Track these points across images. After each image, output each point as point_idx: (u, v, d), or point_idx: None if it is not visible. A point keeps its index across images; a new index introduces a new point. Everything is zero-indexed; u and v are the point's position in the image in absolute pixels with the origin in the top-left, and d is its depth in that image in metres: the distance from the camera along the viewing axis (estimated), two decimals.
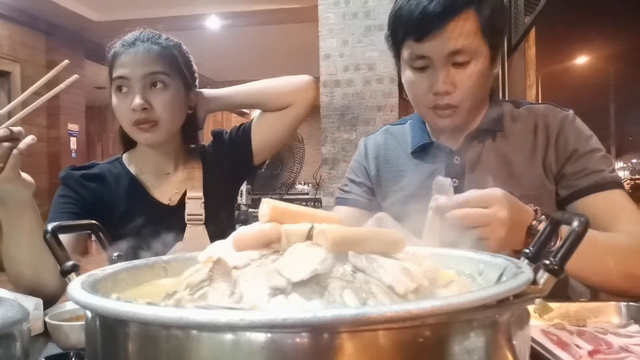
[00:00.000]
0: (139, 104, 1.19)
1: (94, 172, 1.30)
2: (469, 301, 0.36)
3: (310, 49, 4.84)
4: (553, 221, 0.52)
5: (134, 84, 1.21)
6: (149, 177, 1.32)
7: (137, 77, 1.21)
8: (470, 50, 1.03)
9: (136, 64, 1.22)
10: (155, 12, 6.19)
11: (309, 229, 0.51)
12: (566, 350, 0.70)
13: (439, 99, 1.07)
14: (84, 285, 0.46)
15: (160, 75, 1.23)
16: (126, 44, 1.25)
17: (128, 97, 1.21)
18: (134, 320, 0.38)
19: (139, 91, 1.20)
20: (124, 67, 1.22)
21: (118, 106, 1.23)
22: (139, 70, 1.21)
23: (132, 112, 1.20)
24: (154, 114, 1.22)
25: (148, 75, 1.22)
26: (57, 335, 0.84)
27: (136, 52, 1.23)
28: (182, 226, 1.26)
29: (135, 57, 1.22)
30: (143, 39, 1.26)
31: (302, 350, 0.35)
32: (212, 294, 0.45)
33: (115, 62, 1.24)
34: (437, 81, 1.05)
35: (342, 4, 4.20)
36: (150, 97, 1.21)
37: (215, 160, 1.38)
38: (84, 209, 1.24)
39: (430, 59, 1.05)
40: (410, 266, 0.49)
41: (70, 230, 0.65)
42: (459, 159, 1.14)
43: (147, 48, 1.24)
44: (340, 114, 4.21)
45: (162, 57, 1.25)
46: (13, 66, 5.98)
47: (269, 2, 5.94)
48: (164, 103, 1.23)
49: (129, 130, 1.25)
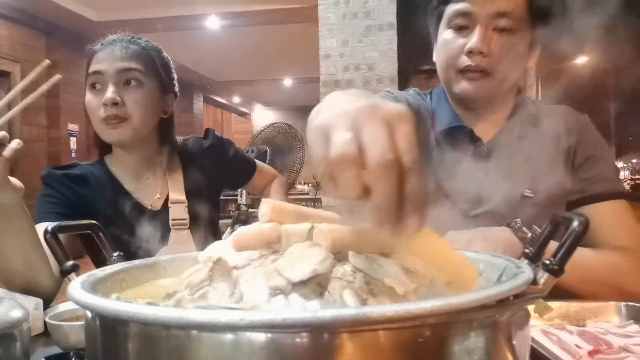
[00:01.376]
0: (110, 98, 1.18)
1: (76, 172, 1.29)
2: (469, 301, 0.36)
3: (310, 49, 4.84)
4: (553, 221, 0.52)
5: (107, 80, 1.21)
6: (129, 182, 1.31)
7: (110, 73, 1.21)
8: (514, 17, 1.01)
9: (112, 60, 1.22)
10: (155, 12, 6.20)
11: (309, 229, 0.51)
12: (566, 350, 0.70)
13: (472, 58, 1.03)
14: (84, 285, 0.46)
15: (135, 72, 1.23)
16: (105, 43, 1.26)
17: (101, 93, 1.21)
18: (134, 320, 0.38)
19: (112, 86, 1.20)
20: (99, 63, 1.22)
21: (90, 102, 1.23)
22: (114, 65, 1.21)
23: (102, 107, 1.20)
24: (124, 111, 1.21)
25: (122, 70, 1.21)
26: (57, 335, 0.84)
27: (113, 50, 1.23)
28: (166, 231, 1.25)
29: (112, 54, 1.23)
30: (122, 39, 1.27)
31: (302, 350, 0.35)
32: (212, 294, 0.45)
33: (92, 59, 1.24)
34: (474, 39, 1.02)
35: (342, 4, 4.20)
36: (122, 93, 1.21)
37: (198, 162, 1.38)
38: (69, 208, 1.22)
39: (473, 17, 1.02)
40: (411, 266, 0.49)
41: (71, 231, 0.65)
42: (487, 152, 1.11)
43: (124, 46, 1.25)
44: None
45: (139, 55, 1.25)
46: (13, 66, 5.99)
47: (269, 2, 5.95)
48: (136, 100, 1.22)
49: (98, 128, 1.23)
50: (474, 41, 1.01)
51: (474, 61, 1.03)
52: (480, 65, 1.03)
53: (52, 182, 1.25)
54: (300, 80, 10.41)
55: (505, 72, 1.04)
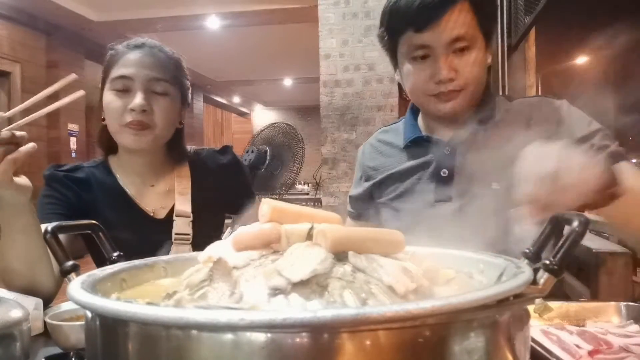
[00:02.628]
0: (140, 105, 1.17)
1: (78, 175, 1.27)
2: (469, 301, 0.36)
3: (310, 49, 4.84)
4: (553, 221, 0.52)
5: (136, 85, 1.19)
6: (132, 187, 1.29)
7: (141, 79, 1.20)
8: (468, 36, 1.07)
9: (142, 66, 1.21)
10: (155, 12, 6.19)
11: (309, 229, 0.51)
12: (566, 350, 0.70)
13: (442, 86, 1.09)
14: (84, 285, 0.46)
15: (164, 83, 1.22)
16: (131, 46, 1.24)
17: (126, 97, 1.19)
18: (134, 320, 0.38)
19: (141, 93, 1.19)
20: (129, 67, 1.20)
21: (112, 104, 1.20)
22: (145, 72, 1.20)
23: (128, 112, 1.18)
24: (150, 118, 1.20)
25: (153, 79, 1.21)
26: (57, 335, 0.84)
27: (143, 54, 1.22)
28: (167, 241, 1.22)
29: (142, 59, 1.22)
30: (150, 44, 1.26)
31: (302, 350, 0.35)
32: (212, 294, 0.45)
33: (117, 61, 1.22)
34: (439, 69, 1.07)
35: (342, 4, 4.20)
36: (150, 101, 1.20)
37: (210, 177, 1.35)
38: (70, 209, 1.21)
39: (430, 48, 1.08)
40: (410, 266, 0.49)
41: (71, 231, 0.65)
42: (450, 150, 1.16)
43: (154, 53, 1.24)
44: (340, 114, 4.21)
45: (167, 65, 1.25)
46: (13, 66, 5.98)
47: (269, 2, 5.94)
48: (162, 110, 1.21)
49: (118, 131, 1.21)
50: (440, 72, 1.08)
51: (445, 88, 1.09)
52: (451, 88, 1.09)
53: (54, 183, 1.24)
54: (300, 80, 10.40)
55: (474, 85, 1.10)
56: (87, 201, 1.24)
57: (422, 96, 1.14)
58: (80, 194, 1.25)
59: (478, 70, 1.09)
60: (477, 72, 1.09)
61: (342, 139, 4.20)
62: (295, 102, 12.71)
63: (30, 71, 6.16)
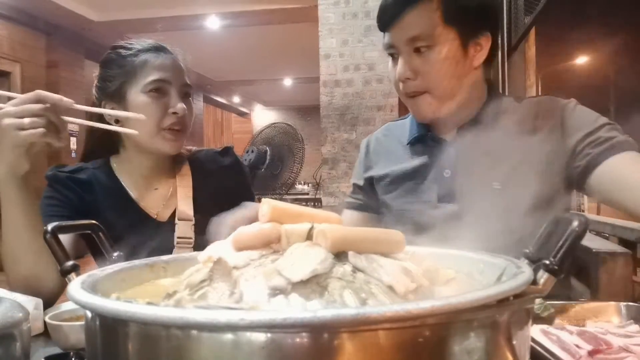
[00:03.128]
0: (182, 108, 1.21)
1: (81, 177, 1.26)
2: (469, 301, 0.36)
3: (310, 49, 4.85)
4: (553, 221, 0.52)
5: (172, 89, 1.22)
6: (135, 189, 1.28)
7: (177, 83, 1.23)
8: (430, 36, 1.06)
9: (176, 70, 1.24)
10: (155, 12, 6.19)
11: (309, 229, 0.51)
12: (566, 350, 0.70)
13: (405, 86, 1.11)
14: (84, 285, 0.46)
15: (189, 87, 1.27)
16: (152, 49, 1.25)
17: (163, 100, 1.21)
18: (134, 320, 0.38)
19: (179, 97, 1.23)
20: (165, 71, 1.22)
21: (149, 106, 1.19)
22: (179, 76, 1.24)
23: (170, 115, 1.20)
24: (184, 121, 1.23)
25: (184, 84, 1.25)
26: (57, 335, 0.84)
27: (173, 59, 1.26)
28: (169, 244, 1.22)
29: (174, 63, 1.25)
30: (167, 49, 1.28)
31: (302, 350, 0.35)
32: (212, 294, 0.45)
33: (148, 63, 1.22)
34: (398, 68, 1.10)
35: (342, 4, 4.20)
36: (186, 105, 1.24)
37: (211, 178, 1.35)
38: (73, 211, 1.21)
39: (395, 47, 1.11)
40: (410, 266, 0.49)
41: (70, 231, 0.65)
42: (454, 150, 1.15)
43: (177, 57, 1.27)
44: (340, 114, 4.21)
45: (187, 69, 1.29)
46: (13, 66, 5.98)
47: (269, 2, 5.94)
48: (191, 112, 1.26)
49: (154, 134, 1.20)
50: (398, 70, 1.10)
51: (407, 88, 1.11)
52: (413, 89, 1.10)
53: (57, 184, 1.24)
54: (300, 80, 10.41)
55: (440, 86, 1.09)
56: (89, 203, 1.24)
57: (400, 96, 1.16)
58: (83, 196, 1.24)
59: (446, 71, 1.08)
60: (444, 73, 1.08)
61: (342, 139, 4.20)
62: (295, 102, 12.71)
63: (30, 71, 6.16)
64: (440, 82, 1.09)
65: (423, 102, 1.11)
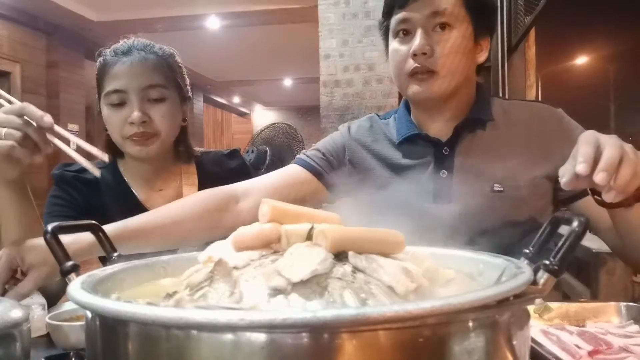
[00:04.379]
0: (138, 117, 1.16)
1: (88, 177, 1.25)
2: (469, 301, 0.36)
3: (310, 49, 4.85)
4: (553, 221, 0.52)
5: (131, 97, 1.17)
6: (142, 191, 1.28)
7: (134, 90, 1.17)
8: (450, 14, 1.06)
9: (133, 76, 1.18)
10: (155, 12, 6.20)
11: (309, 229, 0.51)
12: (566, 350, 0.70)
13: (418, 60, 1.08)
14: (84, 285, 0.46)
15: (158, 88, 1.19)
16: (119, 53, 1.20)
17: (123, 110, 1.17)
18: (134, 320, 0.38)
19: (137, 105, 1.17)
20: (120, 79, 1.18)
21: (110, 118, 1.19)
22: (136, 82, 1.17)
23: (128, 125, 1.17)
24: (152, 127, 1.18)
25: (146, 88, 1.18)
26: (57, 335, 0.84)
27: (131, 63, 1.19)
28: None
29: (131, 68, 1.18)
30: (138, 47, 1.22)
31: (302, 350, 0.35)
32: (212, 294, 0.45)
33: (108, 72, 1.19)
34: (416, 42, 1.07)
35: (342, 4, 4.21)
36: (147, 109, 1.18)
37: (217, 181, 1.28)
38: (78, 211, 1.21)
39: (413, 22, 1.08)
40: (410, 266, 0.49)
41: (71, 231, 0.64)
42: (448, 150, 1.13)
43: (143, 58, 1.20)
44: (340, 114, 4.21)
45: (159, 68, 1.21)
46: (13, 66, 5.98)
47: (269, 2, 5.94)
48: (163, 115, 1.19)
49: (120, 143, 1.20)
50: (416, 44, 1.07)
51: (419, 62, 1.08)
52: (426, 65, 1.07)
53: (63, 184, 1.23)
54: (300, 80, 10.41)
55: (451, 68, 1.08)
56: (95, 203, 1.23)
57: (401, 76, 1.12)
58: (89, 196, 1.24)
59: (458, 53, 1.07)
60: (456, 55, 1.07)
61: None
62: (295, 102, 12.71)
63: (30, 71, 6.16)
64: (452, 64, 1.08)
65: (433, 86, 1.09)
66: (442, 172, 1.12)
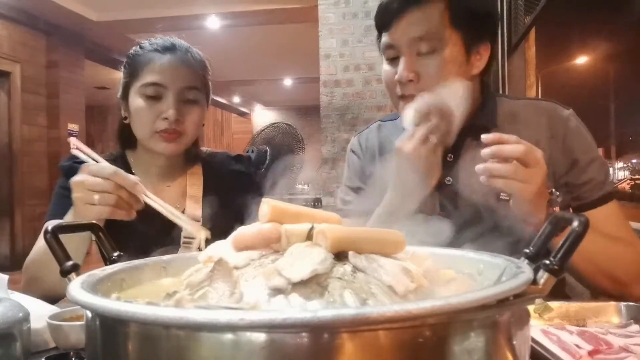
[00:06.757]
0: (173, 114, 1.17)
1: None
2: (469, 301, 0.36)
3: (310, 49, 4.85)
4: (553, 221, 0.52)
5: (169, 94, 1.19)
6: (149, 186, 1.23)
7: (174, 87, 1.19)
8: (435, 38, 1.03)
9: (175, 74, 1.20)
10: (155, 12, 6.19)
11: (309, 229, 0.51)
12: (566, 350, 0.70)
13: (404, 88, 1.06)
14: (84, 285, 0.46)
15: (195, 91, 1.22)
16: (160, 48, 1.22)
17: (159, 104, 1.18)
18: (134, 320, 0.38)
19: (174, 102, 1.18)
20: (161, 74, 1.19)
21: (143, 110, 1.19)
22: (178, 81, 1.20)
23: (161, 120, 1.18)
24: (182, 127, 1.20)
25: (185, 88, 1.20)
26: (57, 335, 0.84)
27: (175, 60, 1.21)
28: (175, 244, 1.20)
29: (175, 66, 1.21)
30: (180, 47, 1.24)
31: (302, 350, 0.35)
32: (212, 294, 0.45)
33: (148, 64, 1.20)
34: (400, 69, 1.05)
35: (342, 4, 4.21)
36: (182, 109, 1.20)
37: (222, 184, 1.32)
38: None
39: (397, 48, 1.06)
40: (410, 266, 0.49)
41: (71, 231, 0.64)
42: (453, 157, 1.11)
43: (186, 59, 1.22)
44: (340, 114, 4.21)
45: (197, 71, 1.24)
46: (13, 66, 5.98)
47: (269, 2, 5.94)
48: (193, 118, 1.22)
49: (148, 136, 1.21)
50: (400, 71, 1.05)
51: (406, 90, 1.06)
52: (411, 91, 1.05)
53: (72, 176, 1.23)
54: (300, 80, 10.40)
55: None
56: None
57: (393, 98, 1.12)
58: None
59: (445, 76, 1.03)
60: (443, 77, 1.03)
61: (342, 139, 4.20)
62: (295, 102, 12.70)
63: (30, 71, 6.16)
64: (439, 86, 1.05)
65: None
66: (447, 179, 1.10)
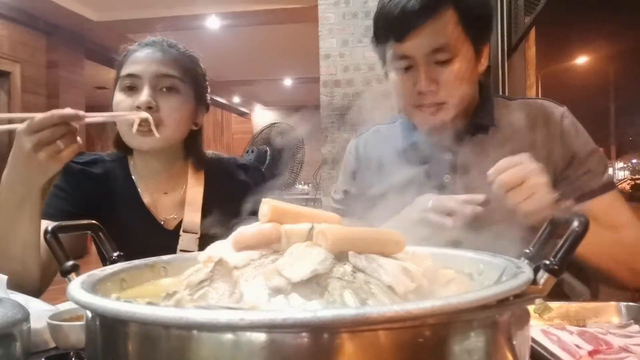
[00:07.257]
0: (145, 102, 1.12)
1: (95, 171, 1.24)
2: (469, 301, 0.36)
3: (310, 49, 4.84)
4: (553, 221, 0.52)
5: (143, 83, 1.15)
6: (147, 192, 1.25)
7: (147, 76, 1.15)
8: (451, 47, 1.02)
9: (150, 62, 1.16)
10: (155, 12, 6.19)
11: (309, 229, 0.51)
12: (566, 350, 0.70)
13: (424, 98, 1.06)
14: (84, 285, 0.46)
15: (173, 79, 1.17)
16: (142, 44, 1.21)
17: (134, 96, 1.14)
18: (134, 320, 0.38)
19: (148, 90, 1.14)
20: (136, 64, 1.16)
21: (120, 103, 1.15)
22: (151, 68, 1.15)
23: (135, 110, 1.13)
24: (158, 116, 1.14)
25: (160, 75, 1.16)
26: (57, 335, 0.84)
27: (152, 52, 1.18)
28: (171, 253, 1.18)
29: (150, 56, 1.17)
30: (161, 42, 1.22)
31: (302, 350, 0.35)
32: (212, 294, 0.45)
33: (127, 59, 1.19)
34: (420, 81, 1.04)
35: (342, 4, 4.20)
36: (157, 98, 1.15)
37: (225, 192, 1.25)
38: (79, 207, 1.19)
39: (412, 59, 1.05)
40: (410, 266, 0.49)
41: (71, 230, 0.64)
42: (451, 155, 1.13)
43: (164, 50, 1.20)
44: (340, 114, 4.21)
45: (178, 62, 1.20)
46: (13, 66, 5.98)
47: (269, 2, 5.94)
48: (171, 107, 1.16)
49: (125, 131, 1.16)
50: (421, 82, 1.04)
51: (426, 100, 1.06)
52: (432, 100, 1.06)
53: (69, 177, 1.21)
54: (300, 80, 10.40)
55: (461, 96, 1.07)
56: (99, 199, 1.21)
57: (407, 107, 1.11)
58: (93, 191, 1.22)
59: (463, 82, 1.05)
60: (461, 84, 1.05)
61: (342, 139, 4.20)
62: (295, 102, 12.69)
63: (30, 71, 6.15)
64: (461, 92, 1.06)
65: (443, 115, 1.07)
66: (446, 176, 1.12)
